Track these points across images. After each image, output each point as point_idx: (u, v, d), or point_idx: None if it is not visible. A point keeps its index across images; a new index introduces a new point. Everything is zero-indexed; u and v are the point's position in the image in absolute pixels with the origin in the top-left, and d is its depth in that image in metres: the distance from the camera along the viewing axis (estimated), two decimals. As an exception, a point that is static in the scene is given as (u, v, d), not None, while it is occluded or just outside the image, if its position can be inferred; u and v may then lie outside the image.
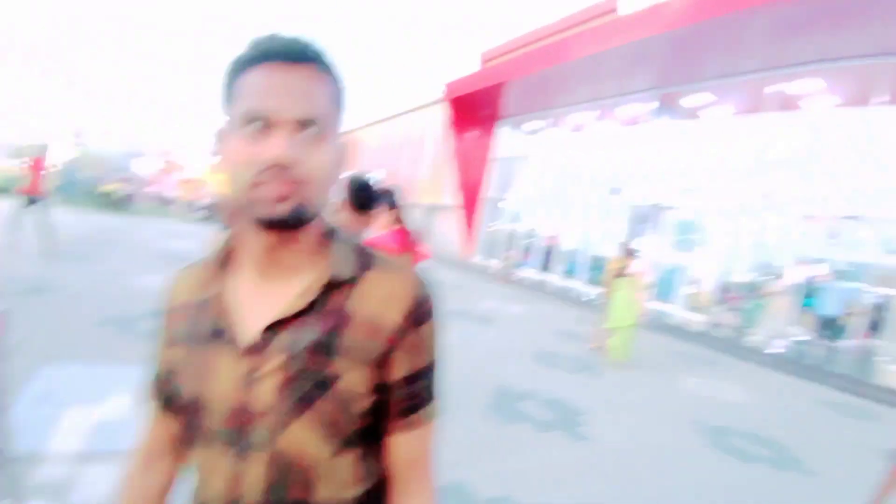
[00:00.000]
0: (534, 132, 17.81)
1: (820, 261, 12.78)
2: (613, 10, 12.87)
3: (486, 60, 19.62)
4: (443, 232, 21.02)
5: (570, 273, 15.14)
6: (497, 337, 7.47)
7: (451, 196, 19.70)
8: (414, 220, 3.00)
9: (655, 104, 13.31)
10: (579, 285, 14.49)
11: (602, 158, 14.86)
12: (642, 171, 13.47)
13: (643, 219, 13.42)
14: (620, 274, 6.90)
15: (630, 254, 7.01)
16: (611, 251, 8.40)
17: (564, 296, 13.33)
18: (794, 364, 8.57)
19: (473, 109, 17.89)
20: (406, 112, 27.81)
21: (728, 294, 11.37)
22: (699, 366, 7.83)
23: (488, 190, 18.87)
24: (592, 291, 13.75)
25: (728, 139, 11.91)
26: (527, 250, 16.98)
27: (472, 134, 18.76)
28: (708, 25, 10.01)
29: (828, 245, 12.41)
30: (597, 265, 14.65)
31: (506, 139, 18.76)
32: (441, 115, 19.86)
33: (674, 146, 12.93)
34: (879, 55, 9.27)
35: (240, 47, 0.67)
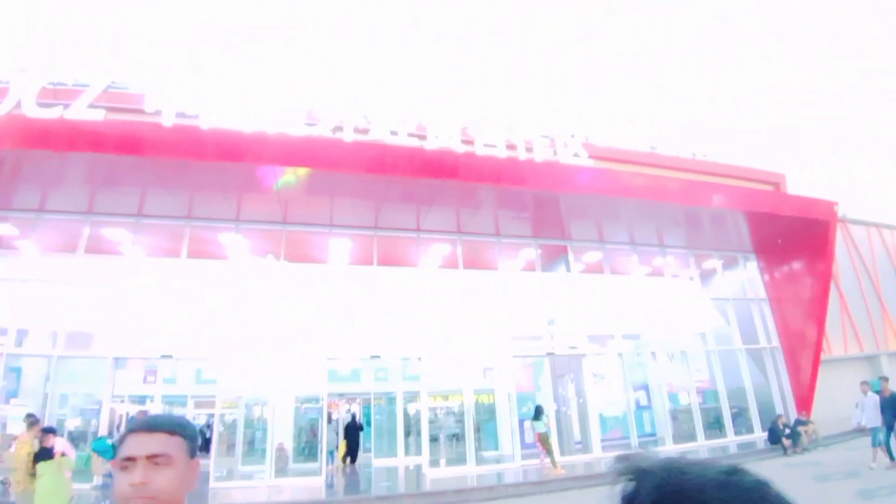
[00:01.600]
0: None
1: (142, 398, 13.34)
2: None
3: None
4: None
5: None
6: None
7: None
8: None
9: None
10: None
11: None
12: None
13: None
14: (38, 456, 5.94)
15: (49, 431, 6.24)
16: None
17: None
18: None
19: None
20: None
21: None
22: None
23: None
24: None
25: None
26: None
27: None
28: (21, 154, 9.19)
29: (146, 384, 13.20)
30: None
31: None
32: None
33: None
34: (182, 218, 11.24)
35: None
